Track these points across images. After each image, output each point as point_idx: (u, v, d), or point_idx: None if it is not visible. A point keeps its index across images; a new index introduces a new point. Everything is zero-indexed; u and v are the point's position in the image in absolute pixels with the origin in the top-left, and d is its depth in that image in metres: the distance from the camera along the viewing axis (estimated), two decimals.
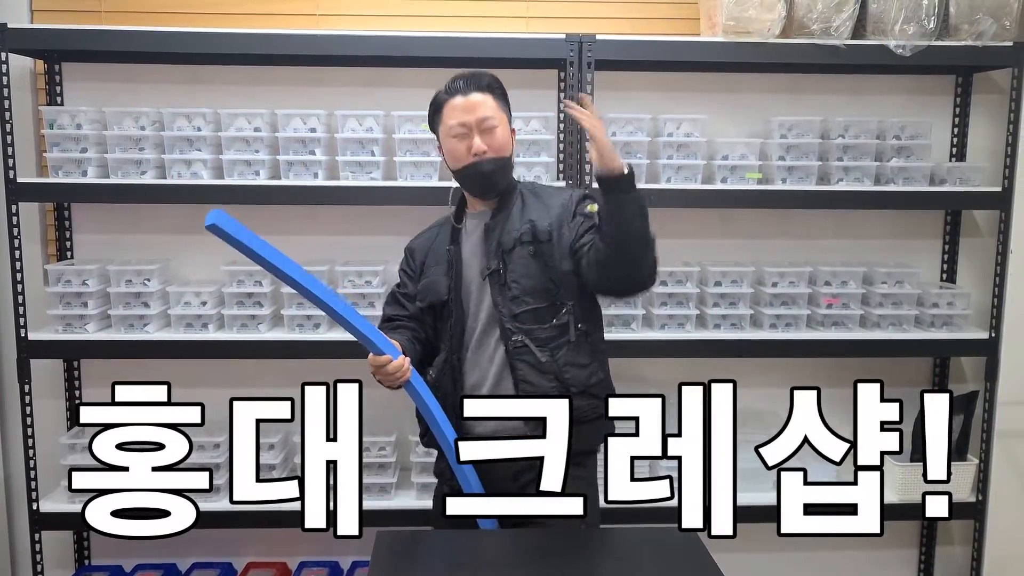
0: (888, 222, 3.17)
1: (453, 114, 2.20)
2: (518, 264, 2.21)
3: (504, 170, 2.24)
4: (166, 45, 2.70)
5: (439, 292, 2.27)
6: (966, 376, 3.23)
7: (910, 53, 2.76)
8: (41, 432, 2.91)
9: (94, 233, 3.04)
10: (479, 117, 2.18)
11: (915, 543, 3.33)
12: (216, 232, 1.81)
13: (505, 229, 2.23)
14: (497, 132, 2.20)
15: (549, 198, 2.28)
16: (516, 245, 2.21)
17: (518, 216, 2.25)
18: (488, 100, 2.20)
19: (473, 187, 2.26)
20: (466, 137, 2.18)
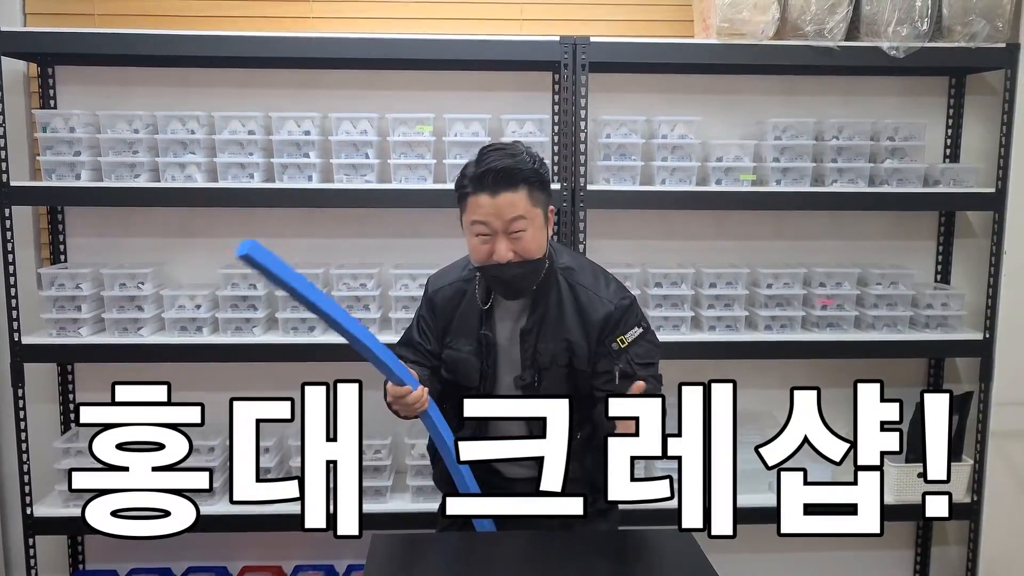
0: (882, 223, 3.18)
1: (475, 211, 1.96)
2: (554, 382, 2.10)
3: (534, 274, 2.04)
4: (159, 48, 2.69)
5: (470, 376, 2.13)
6: (961, 377, 3.24)
7: (904, 55, 2.77)
8: (35, 436, 2.90)
9: (88, 236, 3.03)
10: (505, 221, 1.95)
11: (911, 543, 3.33)
12: (248, 263, 1.73)
13: (541, 336, 2.08)
14: (526, 236, 1.97)
15: (589, 308, 2.09)
16: (552, 364, 2.09)
17: (555, 325, 2.09)
18: (520, 200, 1.95)
19: (497, 290, 2.08)
20: (488, 238, 1.98)
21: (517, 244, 1.97)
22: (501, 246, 1.97)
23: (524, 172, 1.96)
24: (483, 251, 1.99)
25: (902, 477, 2.94)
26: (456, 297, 2.16)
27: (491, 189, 1.94)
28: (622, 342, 2.08)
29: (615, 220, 3.04)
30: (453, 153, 2.81)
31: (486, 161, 1.96)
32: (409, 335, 2.25)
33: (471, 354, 2.12)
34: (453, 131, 2.82)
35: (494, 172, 1.94)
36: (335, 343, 2.77)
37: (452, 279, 2.20)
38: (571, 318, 2.09)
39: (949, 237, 3.18)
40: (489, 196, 1.94)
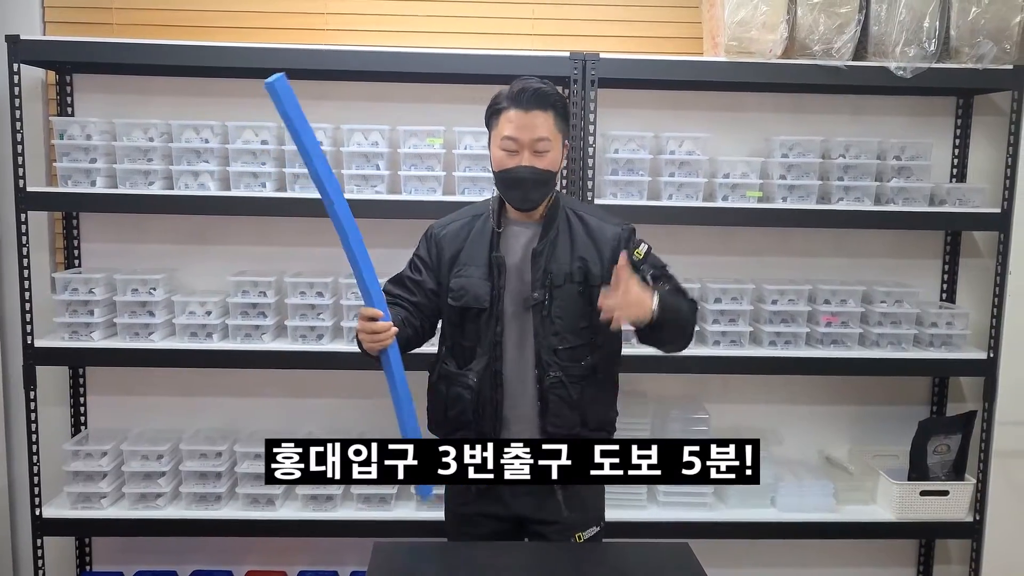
0: (888, 242, 3.19)
1: (507, 126, 2.16)
2: (565, 300, 2.20)
3: (544, 185, 2.20)
4: (176, 58, 2.73)
5: (480, 299, 2.22)
6: (964, 396, 3.25)
7: (911, 75, 2.78)
8: (45, 438, 2.93)
9: (102, 242, 3.07)
10: (533, 138, 2.14)
11: (912, 562, 3.33)
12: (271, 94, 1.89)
13: (554, 257, 2.22)
14: (548, 156, 2.17)
15: (599, 231, 2.26)
16: (565, 282, 2.20)
17: (567, 247, 2.23)
18: (548, 120, 2.16)
19: (509, 194, 2.22)
20: (515, 154, 2.16)
21: (538, 159, 2.16)
22: (525, 158, 2.15)
23: (553, 97, 2.18)
24: (508, 162, 2.17)
25: (904, 495, 2.95)
26: (464, 230, 2.30)
27: (525, 106, 2.14)
28: (638, 254, 2.24)
29: None
30: (463, 166, 2.84)
31: (523, 81, 2.19)
32: (400, 274, 2.37)
33: (481, 277, 2.23)
34: (463, 144, 2.85)
35: (530, 91, 2.15)
36: (344, 351, 2.81)
37: (458, 218, 2.34)
38: (582, 240, 2.24)
39: (954, 256, 3.19)
40: (522, 111, 2.14)
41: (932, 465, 3.00)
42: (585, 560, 2.01)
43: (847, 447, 3.25)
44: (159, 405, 3.12)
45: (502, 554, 2.05)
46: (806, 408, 3.24)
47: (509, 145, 2.16)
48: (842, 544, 3.21)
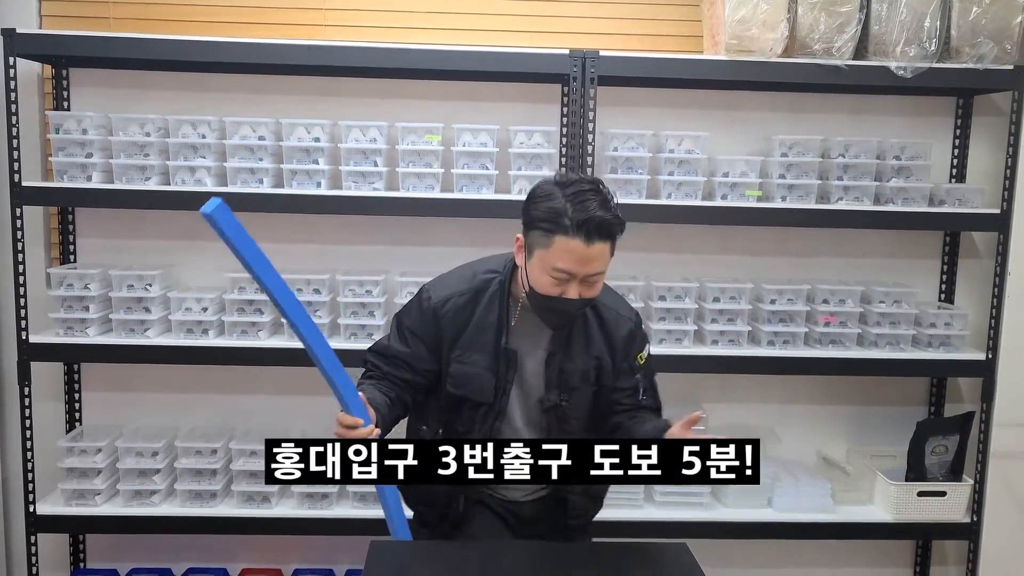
0: (887, 242, 3.19)
1: (563, 258, 1.88)
2: (581, 401, 2.10)
3: (584, 310, 2.04)
4: (173, 53, 2.72)
5: (484, 392, 2.06)
6: (963, 396, 3.24)
7: (911, 75, 2.78)
8: (40, 434, 2.92)
9: (97, 237, 3.05)
10: (589, 273, 1.91)
11: (909, 563, 3.33)
12: (210, 222, 1.70)
13: (568, 356, 2.07)
14: (598, 285, 1.97)
15: (613, 327, 2.10)
16: (581, 383, 2.08)
17: (583, 345, 2.08)
18: (607, 251, 1.91)
19: (547, 318, 2.01)
20: (564, 283, 1.91)
21: (588, 289, 1.95)
22: (573, 289, 1.92)
23: (619, 227, 1.91)
24: (554, 291, 1.93)
25: (901, 495, 2.94)
26: (467, 308, 2.07)
27: (587, 238, 1.86)
28: (641, 359, 2.14)
29: None
30: (461, 163, 2.83)
31: (587, 207, 1.87)
32: (386, 344, 2.14)
33: (486, 369, 2.05)
34: (461, 141, 2.84)
35: (596, 222, 1.86)
36: (340, 348, 2.78)
37: (461, 290, 2.09)
38: (598, 337, 2.09)
39: (953, 257, 3.19)
40: (583, 244, 1.87)
41: (930, 466, 3.00)
42: (583, 560, 2.01)
43: (845, 447, 3.25)
44: (154, 401, 3.11)
45: (499, 553, 2.03)
46: (804, 408, 3.23)
47: (561, 276, 1.90)
48: (839, 544, 3.21)
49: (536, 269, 1.94)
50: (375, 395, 2.02)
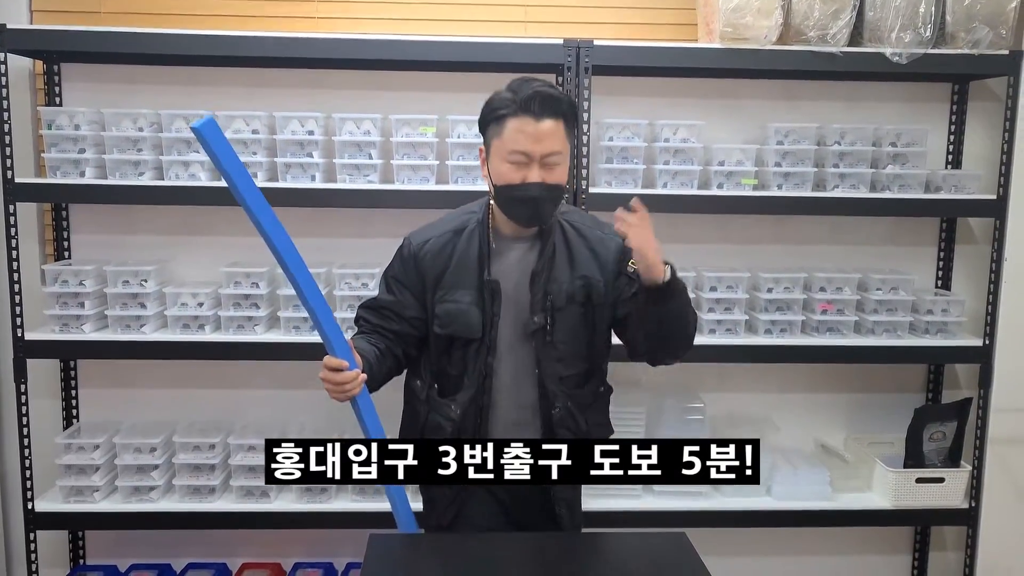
0: (883, 229, 3.18)
1: (517, 138, 1.92)
2: (568, 323, 2.05)
3: (555, 200, 2.00)
4: (165, 47, 2.70)
5: (472, 328, 2.04)
6: (960, 383, 3.24)
7: (906, 61, 2.77)
8: (37, 432, 2.91)
9: (92, 234, 3.04)
10: (545, 151, 1.92)
11: (908, 549, 3.33)
12: (199, 137, 1.67)
13: (553, 277, 2.04)
14: (559, 169, 1.96)
15: (597, 244, 2.08)
16: (568, 303, 2.04)
17: (566, 264, 2.06)
18: (559, 130, 1.93)
19: (515, 211, 2.00)
20: (523, 167, 1.94)
21: (549, 174, 1.95)
22: (534, 172, 1.93)
23: (565, 103, 1.95)
24: (514, 177, 1.95)
25: (900, 482, 2.95)
26: (447, 247, 2.08)
27: (536, 113, 1.90)
28: (634, 264, 2.01)
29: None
30: (456, 155, 2.82)
31: (531, 85, 1.92)
32: (374, 297, 2.16)
33: (471, 303, 2.04)
34: (456, 133, 2.83)
35: (541, 96, 1.90)
36: None
37: (439, 231, 2.10)
38: (584, 256, 2.07)
39: (950, 243, 3.19)
40: (533, 120, 1.90)
41: (928, 452, 3.00)
42: (582, 550, 2.01)
43: (843, 435, 3.25)
44: (151, 397, 3.10)
45: (498, 545, 2.03)
46: (802, 396, 3.23)
47: (518, 159, 1.93)
48: (838, 532, 3.21)
49: (496, 162, 1.97)
50: (363, 345, 2.02)
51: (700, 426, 2.96)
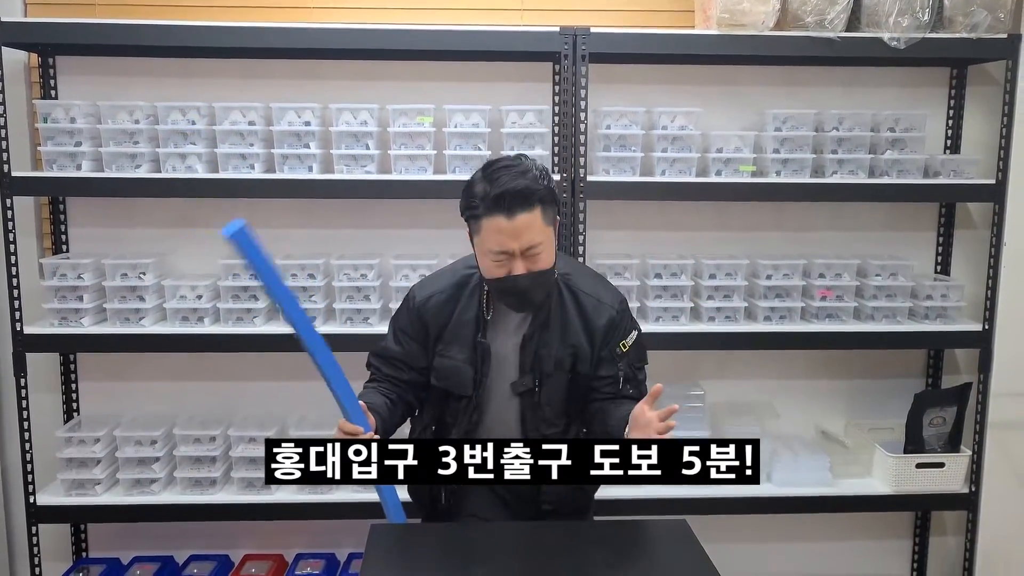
0: (882, 214, 3.18)
1: (494, 239, 1.93)
2: (555, 387, 2.10)
3: (545, 284, 2.02)
4: (160, 38, 2.69)
5: (463, 385, 2.10)
6: (960, 368, 3.24)
7: (904, 46, 2.76)
8: (37, 425, 2.91)
9: (89, 227, 3.04)
10: (524, 246, 1.93)
11: (909, 534, 3.34)
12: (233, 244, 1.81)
13: (543, 342, 2.07)
14: (542, 257, 1.96)
15: (593, 314, 2.10)
16: (556, 370, 2.08)
17: (558, 332, 2.08)
18: (536, 221, 1.92)
19: (508, 303, 2.05)
20: (505, 263, 1.95)
21: (533, 263, 1.96)
22: (518, 265, 1.95)
23: (539, 192, 1.93)
24: (500, 272, 1.97)
25: (900, 468, 2.95)
26: (449, 304, 2.12)
27: (507, 211, 1.90)
28: (623, 346, 2.12)
29: (615, 211, 3.05)
30: (453, 144, 2.81)
31: (500, 182, 1.91)
32: (384, 347, 2.20)
33: (465, 362, 2.09)
34: (453, 122, 2.82)
35: (510, 194, 1.89)
36: (335, 333, 2.79)
37: (442, 286, 2.14)
38: (576, 323, 2.10)
39: (949, 228, 3.18)
40: (505, 218, 1.90)
41: (928, 437, 3.00)
42: (582, 538, 2.01)
43: (843, 421, 3.26)
44: (151, 390, 3.11)
45: (498, 533, 2.04)
46: (801, 383, 3.23)
47: (499, 258, 1.95)
48: (839, 518, 3.22)
49: (480, 256, 2.00)
50: (375, 399, 2.08)
51: (700, 414, 2.96)
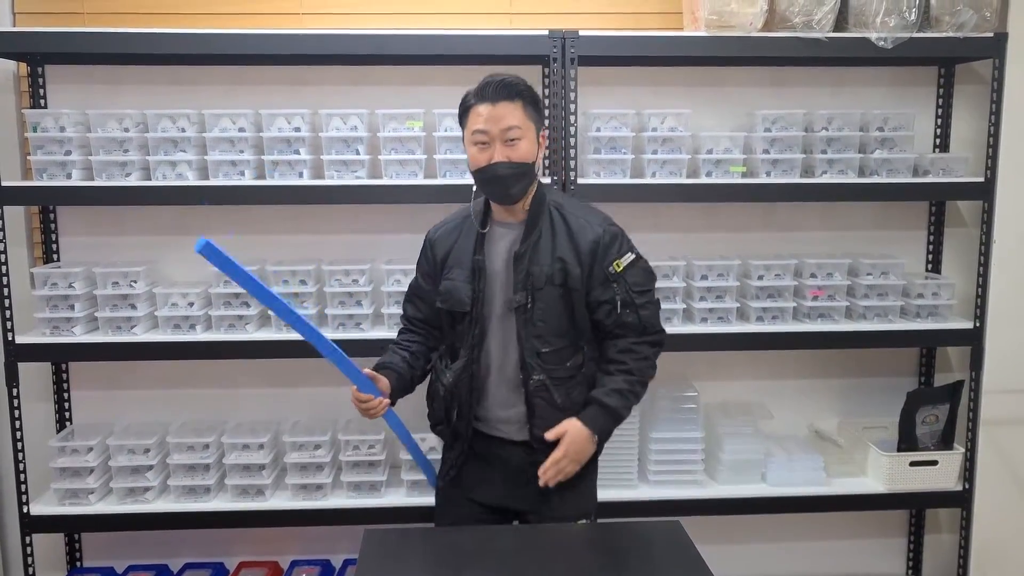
0: (873, 213, 3.19)
1: (476, 120, 2.16)
2: (546, 303, 2.21)
3: (522, 177, 2.18)
4: (149, 46, 2.69)
5: (462, 302, 2.25)
6: (952, 365, 3.26)
7: (892, 45, 2.77)
8: (30, 435, 2.90)
9: (80, 235, 3.03)
10: (502, 128, 2.14)
11: (903, 532, 3.35)
12: (207, 256, 1.94)
13: (535, 260, 2.21)
14: (520, 144, 2.16)
15: (579, 233, 2.23)
16: (546, 284, 2.20)
17: (549, 248, 2.22)
18: (516, 110, 2.15)
19: (489, 191, 2.23)
20: (487, 147, 2.16)
21: (512, 151, 2.15)
22: (497, 151, 2.14)
23: (519, 86, 2.17)
24: (481, 158, 2.16)
25: (894, 466, 2.96)
26: (454, 233, 2.33)
27: (491, 98, 2.14)
28: (617, 266, 2.22)
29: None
30: (443, 148, 2.82)
31: (486, 81, 2.18)
32: (410, 287, 2.45)
33: (464, 281, 2.25)
34: (443, 126, 2.82)
35: (494, 84, 2.15)
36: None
37: (451, 217, 2.39)
38: (563, 240, 2.22)
39: (939, 227, 3.19)
40: (489, 104, 2.14)
41: (921, 435, 3.01)
42: (576, 542, 2.01)
43: (836, 420, 3.26)
44: (144, 398, 3.10)
45: (492, 538, 2.04)
46: (794, 382, 3.24)
47: (480, 138, 2.16)
48: (833, 517, 3.23)
49: (468, 148, 2.21)
50: (393, 358, 2.34)
51: (694, 415, 2.96)
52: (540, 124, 2.22)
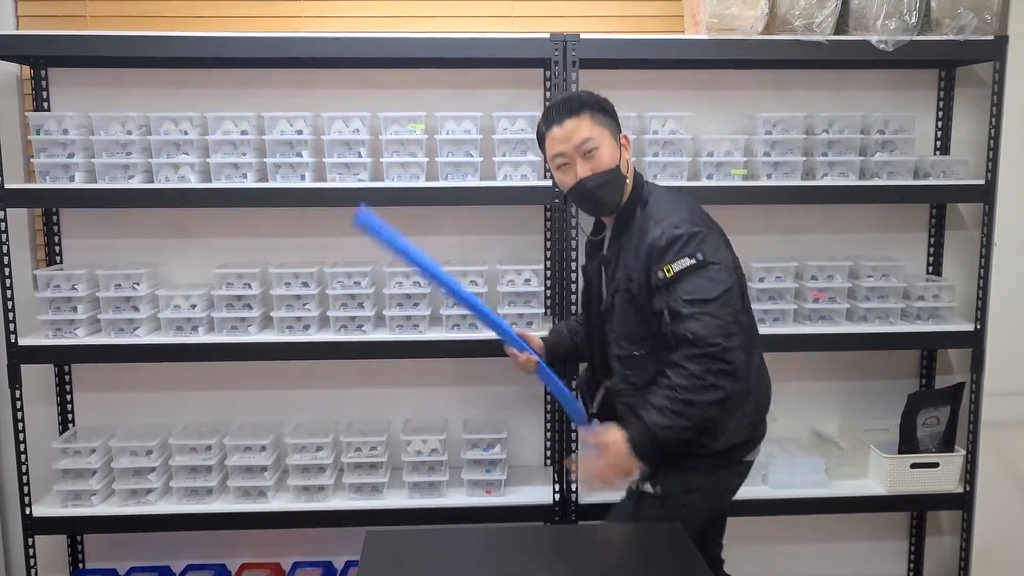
0: (873, 216, 3.19)
1: (553, 146, 2.19)
2: (620, 308, 2.21)
3: (609, 184, 2.17)
4: (152, 49, 2.69)
5: (582, 303, 2.45)
6: (953, 368, 3.26)
7: (892, 48, 2.77)
8: (33, 437, 2.91)
9: (83, 238, 3.04)
10: (576, 144, 2.15)
11: (905, 534, 3.35)
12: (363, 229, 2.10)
13: (618, 264, 2.21)
14: (599, 154, 2.15)
15: (644, 234, 2.12)
16: (618, 290, 2.20)
17: (625, 253, 2.18)
18: (584, 122, 2.15)
19: (587, 208, 2.27)
20: (570, 168, 2.17)
21: (593, 162, 2.15)
22: (579, 168, 2.16)
23: (580, 99, 2.19)
24: (568, 179, 2.19)
25: (895, 468, 2.96)
26: (594, 233, 2.42)
27: (556, 120, 2.16)
28: (667, 271, 2.03)
29: None
30: (445, 151, 2.82)
31: (549, 103, 2.27)
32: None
33: (587, 284, 2.39)
34: (445, 129, 2.83)
35: (556, 105, 2.19)
36: (329, 341, 2.80)
37: (592, 227, 2.45)
38: (633, 244, 2.17)
39: (940, 229, 3.20)
40: (557, 127, 2.16)
41: (922, 438, 3.01)
42: (578, 543, 2.02)
43: (837, 422, 3.27)
44: (146, 400, 3.11)
45: (494, 538, 2.05)
46: (795, 385, 3.24)
47: (560, 161, 2.18)
48: (834, 519, 3.23)
49: (556, 177, 2.24)
50: (560, 326, 2.58)
51: None
52: (615, 127, 2.23)
